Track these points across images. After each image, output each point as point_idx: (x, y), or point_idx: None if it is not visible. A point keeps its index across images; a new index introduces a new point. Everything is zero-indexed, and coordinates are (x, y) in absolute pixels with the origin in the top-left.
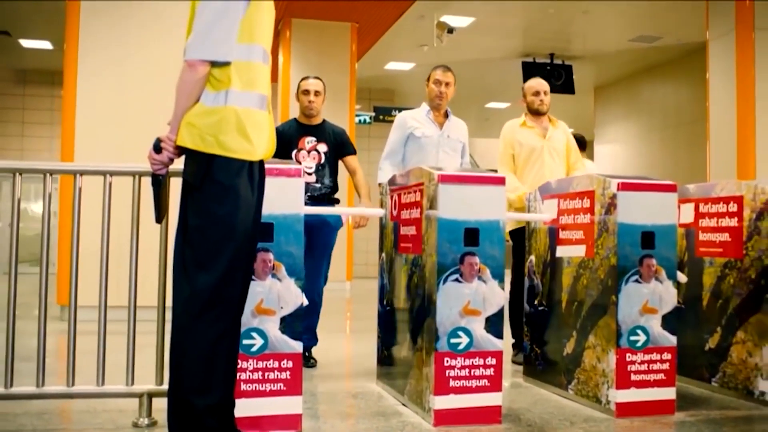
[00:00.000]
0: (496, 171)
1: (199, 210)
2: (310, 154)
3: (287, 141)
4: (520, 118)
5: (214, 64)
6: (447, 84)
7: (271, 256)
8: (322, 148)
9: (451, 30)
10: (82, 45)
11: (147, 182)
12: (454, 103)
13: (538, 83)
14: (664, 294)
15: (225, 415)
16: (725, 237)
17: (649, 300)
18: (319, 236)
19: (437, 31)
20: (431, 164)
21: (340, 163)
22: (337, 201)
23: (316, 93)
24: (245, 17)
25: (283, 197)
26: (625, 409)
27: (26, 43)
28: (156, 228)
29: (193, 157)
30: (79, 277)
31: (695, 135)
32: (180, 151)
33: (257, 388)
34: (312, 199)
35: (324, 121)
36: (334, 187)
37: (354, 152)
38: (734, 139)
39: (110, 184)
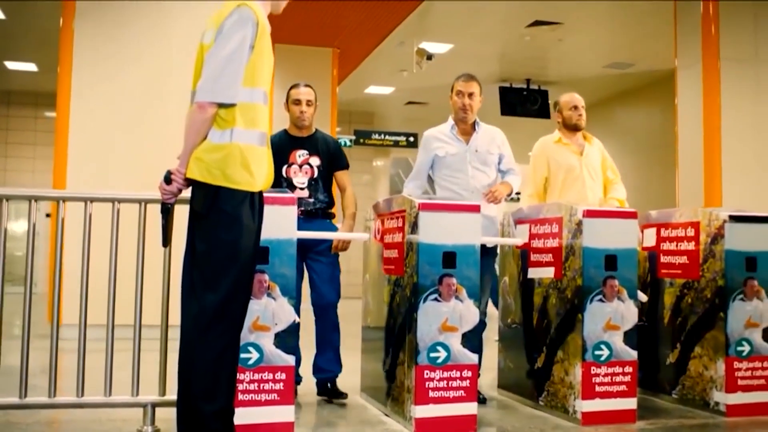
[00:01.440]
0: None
1: (206, 236)
2: (302, 168)
3: (277, 155)
4: (553, 135)
5: (221, 105)
6: (471, 95)
7: (266, 277)
8: (315, 161)
9: (430, 57)
10: (76, 68)
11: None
12: (441, 122)
13: (575, 97)
14: (626, 312)
15: (228, 420)
16: (684, 259)
17: (611, 317)
18: (316, 251)
19: (417, 57)
20: (463, 184)
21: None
22: (333, 216)
23: (308, 102)
24: (249, 63)
25: (278, 223)
26: (591, 418)
27: (11, 65)
28: (159, 252)
29: (201, 188)
30: (88, 298)
31: (666, 159)
32: (188, 182)
33: (253, 398)
34: (306, 215)
35: (316, 131)
36: (330, 202)
37: (346, 167)
38: (701, 165)
39: (118, 210)
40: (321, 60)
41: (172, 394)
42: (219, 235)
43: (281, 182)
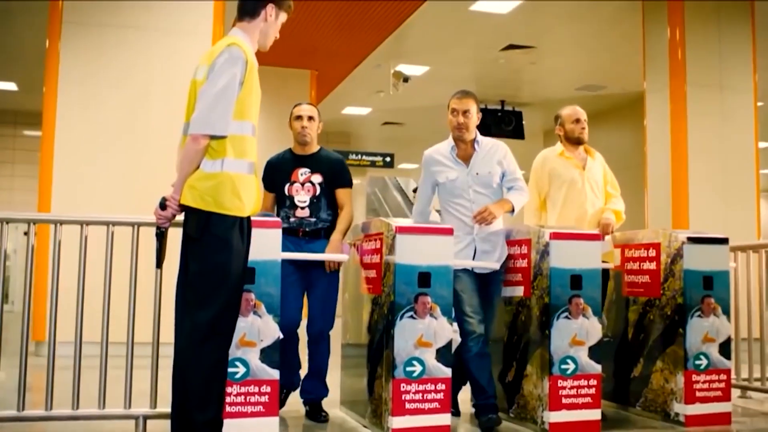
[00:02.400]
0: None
1: (198, 258)
2: (304, 186)
3: (280, 174)
4: (555, 148)
5: (213, 137)
6: (465, 112)
7: (253, 296)
8: (317, 179)
9: (406, 79)
10: (61, 88)
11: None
12: (417, 143)
13: (577, 110)
14: (590, 329)
15: (218, 430)
16: (646, 279)
17: (577, 333)
18: (317, 274)
19: (393, 79)
20: (464, 211)
21: None
22: None
23: (310, 118)
24: (238, 99)
25: (263, 245)
26: (558, 429)
27: None
28: (150, 273)
29: (194, 213)
30: (83, 316)
31: (636, 179)
32: (181, 208)
33: (240, 410)
34: (307, 235)
35: (321, 149)
36: (333, 221)
37: (348, 185)
38: (669, 187)
39: (112, 233)
40: (299, 81)
41: (162, 407)
42: (211, 258)
43: (284, 200)
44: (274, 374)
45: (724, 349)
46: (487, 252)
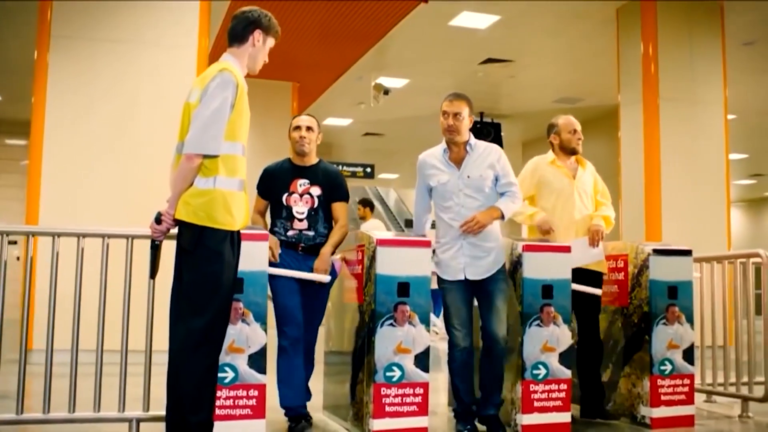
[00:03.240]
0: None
1: (192, 269)
2: (303, 197)
3: (278, 183)
4: (547, 156)
5: (206, 156)
6: (456, 115)
7: (241, 304)
8: (316, 191)
9: (386, 92)
10: (50, 99)
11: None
12: (397, 153)
13: (573, 121)
14: (561, 336)
15: (209, 431)
16: (615, 288)
17: (548, 340)
18: (311, 290)
19: (374, 92)
20: (453, 215)
21: None
22: (332, 252)
23: (308, 128)
24: (229, 121)
25: (252, 257)
26: (530, 431)
27: None
28: (143, 285)
29: (188, 227)
30: (80, 324)
31: (612, 190)
32: (176, 222)
33: (229, 413)
34: (305, 251)
35: (320, 161)
36: (330, 235)
37: (344, 198)
38: (642, 199)
39: (108, 245)
40: (281, 93)
41: (155, 410)
42: (204, 268)
43: (281, 211)
44: (262, 379)
45: (688, 355)
46: (478, 258)
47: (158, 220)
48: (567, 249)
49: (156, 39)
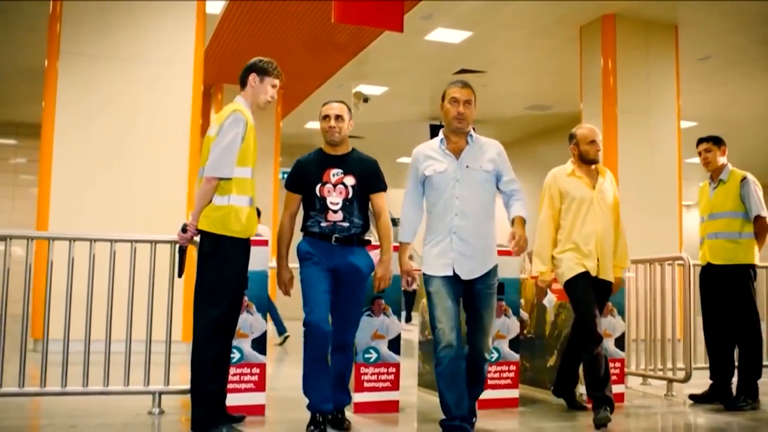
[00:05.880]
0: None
1: (210, 269)
2: (336, 188)
3: (310, 174)
4: (566, 167)
5: (221, 179)
6: (467, 102)
7: (246, 298)
8: (350, 180)
9: (366, 99)
10: (60, 104)
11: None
12: (376, 155)
13: (593, 131)
14: (511, 325)
15: (223, 398)
16: (559, 286)
17: (500, 329)
18: (347, 283)
19: (354, 99)
20: (448, 206)
21: None
22: (368, 242)
23: (338, 117)
24: (240, 151)
25: (254, 259)
26: (484, 404)
27: None
28: (164, 288)
29: (207, 236)
30: (113, 318)
31: None
32: (198, 231)
33: (236, 387)
34: (339, 242)
35: (353, 150)
36: (365, 225)
37: (383, 188)
38: None
39: (135, 249)
40: None
41: (173, 385)
42: (220, 269)
43: (314, 202)
44: (262, 359)
45: (619, 342)
46: (466, 256)
47: (184, 229)
48: (508, 252)
49: (155, 55)
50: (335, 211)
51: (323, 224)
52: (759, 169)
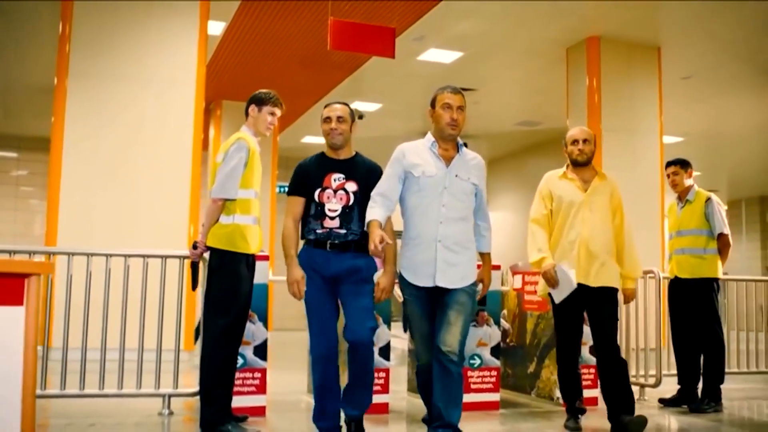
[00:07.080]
0: None
1: (219, 282)
2: (337, 194)
3: (311, 178)
4: (560, 169)
5: (226, 200)
6: (459, 108)
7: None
8: (351, 186)
9: (361, 116)
10: (68, 121)
11: (131, 263)
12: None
13: (579, 131)
14: (492, 334)
15: (229, 400)
16: (539, 298)
17: (482, 337)
18: (349, 284)
19: None
20: (434, 213)
21: None
22: (367, 250)
23: (339, 118)
24: (243, 175)
25: (255, 272)
26: (468, 407)
27: None
28: (173, 299)
29: (216, 252)
30: (126, 327)
31: None
32: (207, 248)
33: (239, 390)
34: (335, 248)
35: (356, 154)
36: (365, 234)
37: None
38: None
39: (147, 264)
40: None
41: (181, 389)
42: (227, 282)
43: (312, 208)
44: (263, 364)
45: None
46: (451, 265)
47: (195, 246)
48: (497, 267)
49: (159, 75)
50: (332, 218)
51: (318, 231)
52: (748, 181)
